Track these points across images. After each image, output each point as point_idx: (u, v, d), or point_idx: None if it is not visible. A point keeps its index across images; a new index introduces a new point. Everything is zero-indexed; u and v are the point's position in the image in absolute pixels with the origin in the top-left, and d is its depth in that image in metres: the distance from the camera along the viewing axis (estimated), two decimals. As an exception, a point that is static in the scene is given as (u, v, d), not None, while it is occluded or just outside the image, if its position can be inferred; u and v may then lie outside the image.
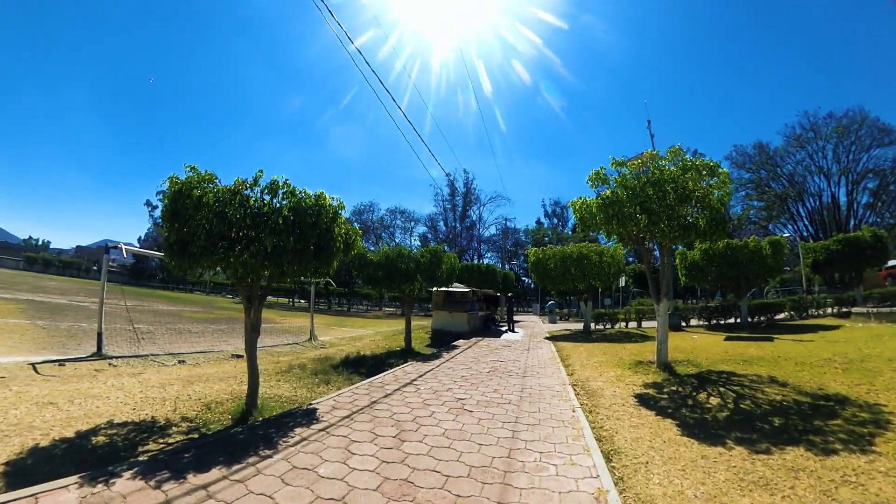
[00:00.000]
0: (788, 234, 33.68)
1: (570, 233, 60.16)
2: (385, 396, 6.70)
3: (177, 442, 4.59)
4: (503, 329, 21.87)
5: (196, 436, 4.84)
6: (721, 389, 7.31)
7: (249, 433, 4.71)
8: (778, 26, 72.83)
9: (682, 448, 4.54)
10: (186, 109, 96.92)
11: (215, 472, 3.64)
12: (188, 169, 5.34)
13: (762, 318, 20.46)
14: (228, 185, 5.23)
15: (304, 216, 5.45)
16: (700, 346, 12.95)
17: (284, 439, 4.49)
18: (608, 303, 41.31)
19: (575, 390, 7.42)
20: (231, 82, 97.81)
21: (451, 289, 18.74)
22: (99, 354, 9.12)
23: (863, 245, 24.19)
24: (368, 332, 20.16)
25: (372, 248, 13.89)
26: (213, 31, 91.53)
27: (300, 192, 5.70)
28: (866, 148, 44.40)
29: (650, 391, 7.34)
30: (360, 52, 8.72)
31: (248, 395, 5.90)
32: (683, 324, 20.77)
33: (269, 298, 43.09)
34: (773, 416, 5.67)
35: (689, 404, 6.48)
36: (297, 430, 4.80)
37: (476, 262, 40.53)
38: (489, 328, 22.03)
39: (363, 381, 7.85)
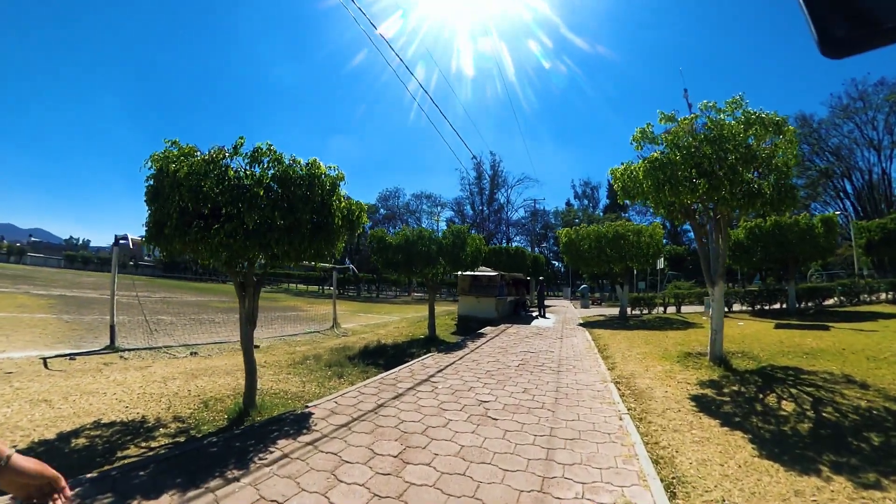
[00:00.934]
0: (838, 212, 30.95)
1: (601, 214, 57.95)
2: (395, 398, 5.92)
3: (155, 448, 4.07)
4: (534, 315, 20.90)
5: (182, 439, 4.35)
6: (792, 391, 6.23)
7: (224, 445, 4.01)
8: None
9: (764, 477, 3.58)
10: (214, 107, 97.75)
11: (164, 501, 2.95)
12: (169, 144, 4.63)
13: (810, 304, 18.95)
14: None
15: (293, 187, 4.67)
16: (750, 335, 11.74)
17: (261, 456, 3.76)
18: (642, 287, 39.55)
19: (619, 389, 6.47)
20: (259, 74, 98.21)
21: (477, 273, 17.87)
22: (112, 347, 8.79)
23: None
24: (394, 319, 19.60)
25: (391, 232, 13.03)
26: (240, 29, 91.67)
27: (289, 159, 4.90)
28: None
29: (708, 391, 6.31)
30: (383, 37, 7.83)
31: (246, 394, 5.32)
32: (726, 309, 19.25)
33: (299, 287, 44.43)
34: (868, 431, 4.63)
35: (758, 411, 5.45)
36: (281, 444, 4.06)
37: (504, 245, 39.39)
38: (519, 314, 21.13)
39: (375, 377, 7.11)
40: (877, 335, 10.85)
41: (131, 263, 56.07)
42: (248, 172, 4.57)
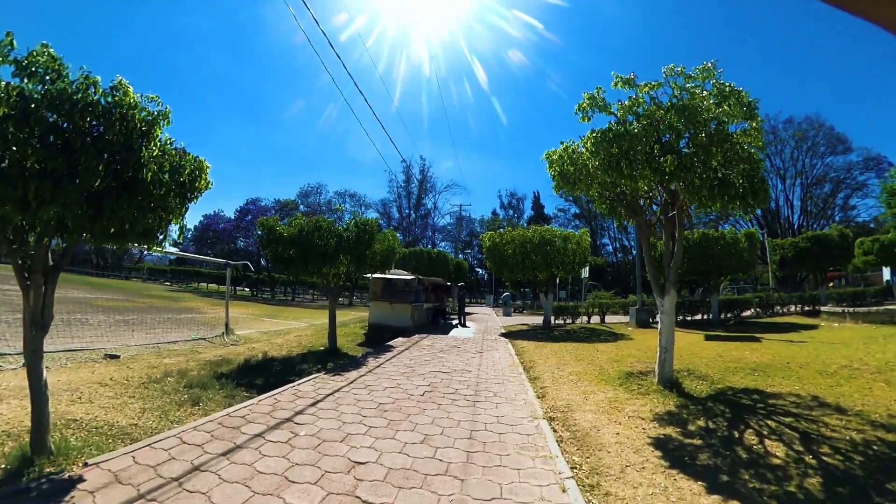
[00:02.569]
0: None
1: (525, 225, 58.41)
2: (226, 453, 3.66)
3: None
4: (454, 323, 19.11)
5: None
6: (770, 424, 4.87)
7: None
8: (744, 26, 73.50)
9: None
10: (136, 73, 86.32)
11: None
12: None
13: (729, 315, 19.41)
14: None
15: (75, 117, 3.14)
16: (684, 349, 10.81)
17: None
18: (563, 296, 39.73)
19: (555, 431, 4.64)
20: (179, 52, 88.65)
21: (391, 276, 15.71)
22: None
23: (831, 243, 23.80)
24: (300, 326, 17.11)
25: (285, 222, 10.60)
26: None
27: (81, 76, 3.23)
28: (821, 155, 45.99)
29: (671, 431, 4.69)
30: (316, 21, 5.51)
31: (32, 434, 3.54)
32: (651, 320, 18.91)
33: (210, 287, 39.60)
34: (887, 480, 3.32)
35: (744, 460, 3.91)
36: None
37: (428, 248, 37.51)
38: (437, 322, 19.21)
39: (220, 414, 4.82)
40: (809, 347, 10.56)
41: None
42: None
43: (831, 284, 29.76)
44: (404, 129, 69.56)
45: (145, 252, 62.29)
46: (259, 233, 10.98)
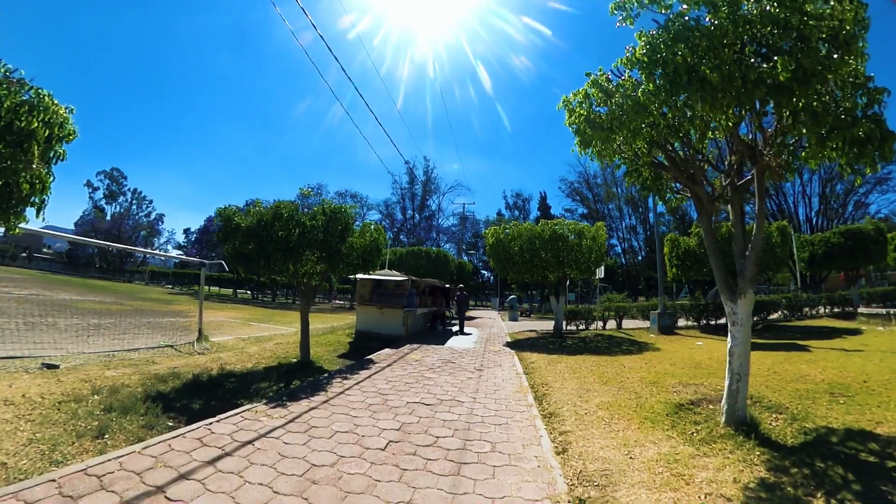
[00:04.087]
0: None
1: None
2: None
3: None
4: (454, 329, 17.11)
5: None
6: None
7: None
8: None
9: None
10: (134, 82, 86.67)
11: None
12: None
13: (756, 319, 17.16)
14: None
15: None
16: (709, 361, 9.15)
17: None
18: (572, 298, 37.59)
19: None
20: (183, 59, 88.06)
21: (380, 276, 13.78)
22: None
23: (866, 238, 21.53)
24: (288, 332, 15.52)
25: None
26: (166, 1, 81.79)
27: None
28: None
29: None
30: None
31: None
32: (674, 326, 16.84)
33: (212, 289, 38.49)
34: None
35: None
36: None
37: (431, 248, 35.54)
38: (435, 328, 17.21)
39: (98, 460, 2.98)
40: (872, 357, 8.83)
41: (23, 255, 50.05)
42: None
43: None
44: (408, 132, 67.86)
45: (148, 256, 61.34)
46: (218, 224, 9.14)
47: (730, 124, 3.82)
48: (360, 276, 13.33)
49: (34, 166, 4.17)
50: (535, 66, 76.84)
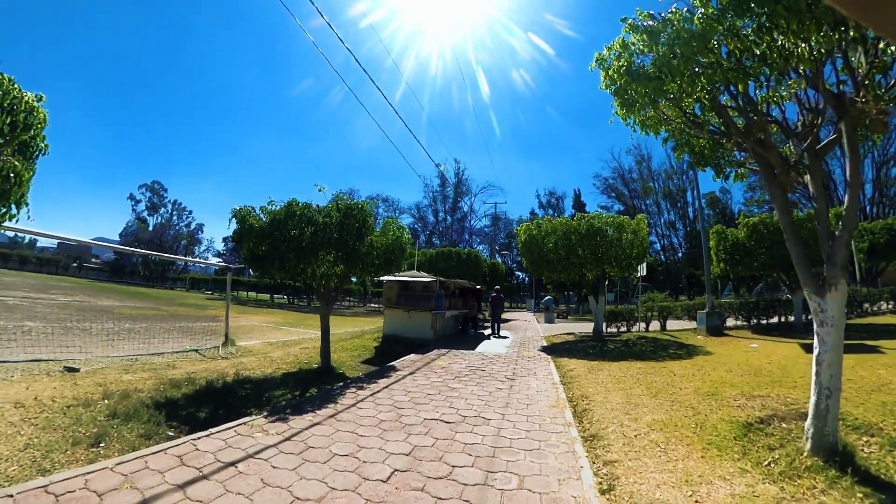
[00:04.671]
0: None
1: (567, 222, 54.05)
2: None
3: None
4: (486, 333, 16.31)
5: None
6: None
7: None
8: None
9: None
10: (172, 101, 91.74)
11: None
12: None
13: (808, 318, 15.54)
14: None
15: None
16: (792, 369, 7.87)
17: None
18: (610, 298, 35.87)
19: None
20: (216, 75, 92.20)
21: (407, 278, 13.18)
22: None
23: None
24: (317, 336, 15.07)
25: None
26: (199, 21, 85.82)
27: None
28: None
29: None
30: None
31: None
32: (724, 326, 15.46)
33: (250, 294, 39.46)
34: None
35: None
36: None
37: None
38: (466, 332, 16.47)
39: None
40: None
41: (74, 265, 52.71)
42: None
43: None
44: (436, 135, 67.45)
45: (189, 263, 63.57)
46: (234, 226, 8.79)
47: (822, 51, 2.89)
48: (386, 277, 12.81)
49: (3, 157, 3.83)
50: (565, 62, 74.86)
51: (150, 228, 60.70)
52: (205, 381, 6.97)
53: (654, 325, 17.11)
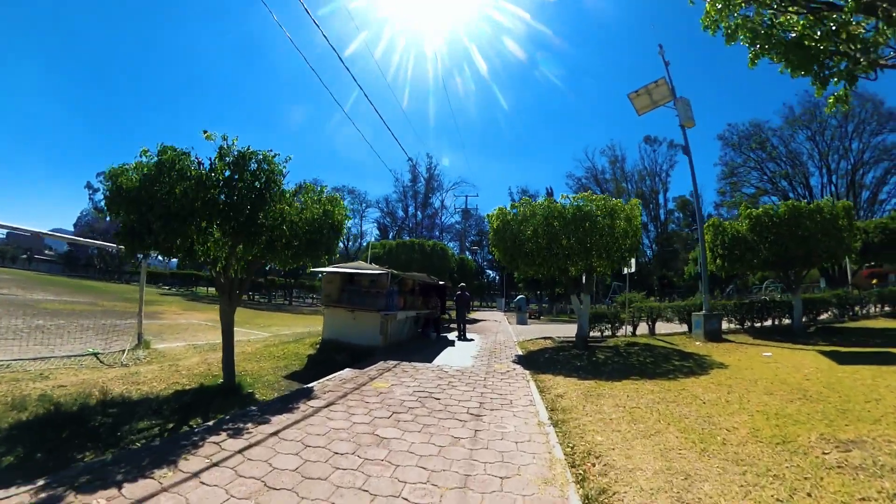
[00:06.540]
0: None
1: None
2: None
3: None
4: (449, 338, 13.90)
5: None
6: None
7: None
8: None
9: None
10: (140, 88, 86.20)
11: None
12: None
13: (805, 320, 14.74)
14: None
15: None
16: (826, 383, 5.94)
17: None
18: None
19: None
20: (186, 61, 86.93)
21: (351, 269, 10.63)
22: None
23: None
24: (259, 337, 12.84)
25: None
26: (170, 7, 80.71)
27: None
28: (873, 133, 39.87)
29: None
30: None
31: None
32: (723, 330, 13.66)
33: (210, 290, 35.72)
34: None
35: None
36: None
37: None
38: (427, 336, 13.94)
39: None
40: None
41: (23, 257, 50.11)
42: None
43: (874, 282, 24.38)
44: (412, 130, 64.81)
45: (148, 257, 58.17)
46: (103, 189, 6.09)
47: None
48: (325, 269, 10.22)
49: None
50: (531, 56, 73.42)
51: (108, 219, 55.58)
52: (64, 401, 5.18)
53: (641, 328, 15.14)
